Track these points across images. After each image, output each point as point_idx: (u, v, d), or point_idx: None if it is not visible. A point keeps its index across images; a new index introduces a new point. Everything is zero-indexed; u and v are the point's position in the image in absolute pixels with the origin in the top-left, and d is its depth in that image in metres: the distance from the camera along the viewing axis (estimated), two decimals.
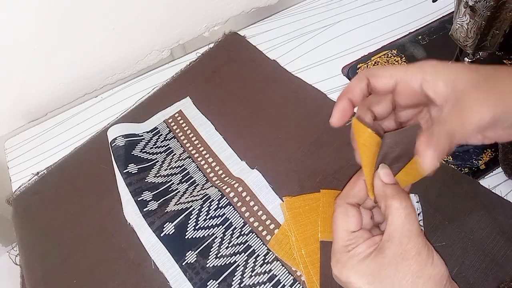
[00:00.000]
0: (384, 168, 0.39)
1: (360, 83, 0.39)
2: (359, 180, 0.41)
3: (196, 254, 0.52)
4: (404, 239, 0.36)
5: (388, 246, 0.36)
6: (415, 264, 0.35)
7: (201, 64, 0.73)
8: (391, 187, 0.38)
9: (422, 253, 0.35)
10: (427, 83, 0.36)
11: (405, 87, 0.38)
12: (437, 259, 0.36)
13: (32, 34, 0.62)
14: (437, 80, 0.36)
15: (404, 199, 0.37)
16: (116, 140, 0.61)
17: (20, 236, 0.59)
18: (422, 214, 0.51)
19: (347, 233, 0.39)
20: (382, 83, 0.38)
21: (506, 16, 0.49)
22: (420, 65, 0.37)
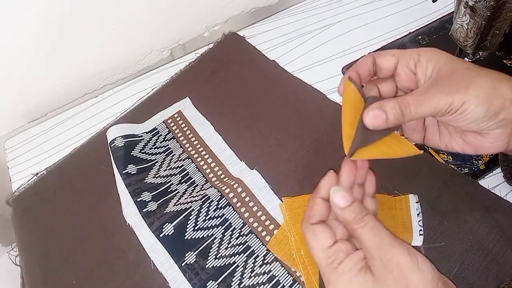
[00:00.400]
0: (336, 191, 0.38)
1: (367, 60, 0.41)
2: (316, 199, 0.41)
3: (195, 255, 0.52)
4: (380, 253, 0.35)
5: (372, 264, 0.35)
6: (400, 275, 0.34)
7: (200, 64, 0.73)
8: (348, 211, 0.37)
9: (402, 261, 0.34)
10: (419, 64, 0.40)
11: (404, 66, 0.41)
12: (422, 263, 0.35)
13: (32, 34, 0.62)
14: (428, 63, 0.39)
15: (362, 218, 0.37)
16: (116, 140, 0.61)
17: (19, 236, 0.59)
18: (422, 214, 0.51)
19: (323, 251, 0.38)
20: (386, 61, 0.41)
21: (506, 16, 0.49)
22: (419, 49, 0.41)
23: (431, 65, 0.39)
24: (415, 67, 0.40)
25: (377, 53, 0.42)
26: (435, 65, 0.39)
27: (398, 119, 0.37)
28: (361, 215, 0.37)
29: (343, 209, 0.38)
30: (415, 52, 0.40)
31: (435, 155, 0.57)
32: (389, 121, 0.37)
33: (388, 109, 0.37)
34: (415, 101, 0.37)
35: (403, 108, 0.37)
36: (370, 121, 0.37)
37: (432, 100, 0.37)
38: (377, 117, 0.37)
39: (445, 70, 0.38)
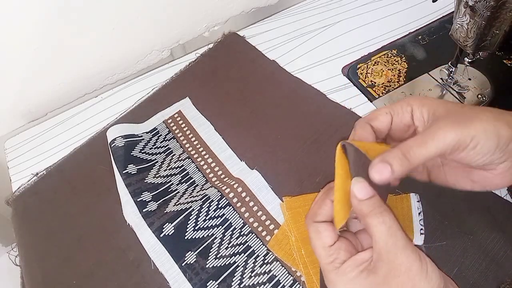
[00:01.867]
0: (358, 182, 0.37)
1: (365, 130, 0.40)
2: (327, 200, 0.40)
3: (195, 255, 0.52)
4: (390, 255, 0.34)
5: (380, 266, 0.34)
6: (407, 280, 0.33)
7: (200, 64, 0.73)
8: (366, 204, 0.36)
9: (413, 267, 0.34)
10: (414, 113, 0.40)
11: (399, 122, 0.41)
12: (431, 271, 0.34)
13: (32, 34, 0.62)
14: (422, 109, 0.39)
15: (380, 213, 0.35)
16: (116, 140, 0.61)
17: (19, 236, 0.59)
18: (423, 213, 0.51)
19: (325, 249, 0.37)
20: (382, 121, 0.41)
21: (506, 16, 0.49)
22: (409, 99, 0.41)
23: (425, 111, 0.39)
24: (412, 119, 0.40)
25: (370, 118, 0.41)
26: (429, 109, 0.39)
27: (403, 165, 0.35)
28: (379, 210, 0.35)
29: (361, 201, 0.36)
30: (406, 103, 0.40)
31: None
32: (395, 171, 0.35)
33: (391, 159, 0.36)
34: (418, 143, 0.36)
35: (406, 153, 0.36)
36: (376, 177, 0.36)
37: (436, 138, 0.35)
38: (381, 170, 0.35)
39: (441, 112, 0.38)
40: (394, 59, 0.69)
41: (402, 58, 0.69)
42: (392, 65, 0.68)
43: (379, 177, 0.35)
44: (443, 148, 0.35)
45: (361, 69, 0.68)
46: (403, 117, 0.40)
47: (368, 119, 0.41)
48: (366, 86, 0.66)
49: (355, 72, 0.68)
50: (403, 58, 0.69)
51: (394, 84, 0.66)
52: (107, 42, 0.71)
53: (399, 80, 0.66)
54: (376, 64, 0.69)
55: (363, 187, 0.36)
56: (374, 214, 0.35)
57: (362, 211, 0.36)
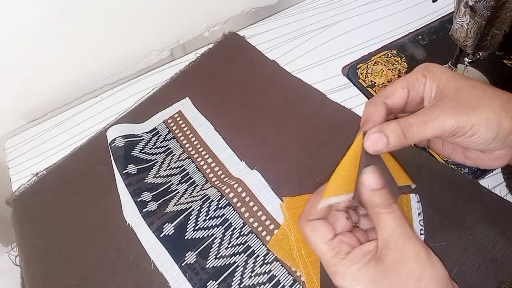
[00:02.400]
0: (369, 172, 0.37)
1: (379, 109, 0.39)
2: (319, 199, 0.40)
3: (195, 255, 0.52)
4: (398, 243, 0.35)
5: (386, 253, 0.35)
6: (415, 266, 0.34)
7: (200, 64, 0.73)
8: (378, 194, 0.37)
9: (420, 254, 0.35)
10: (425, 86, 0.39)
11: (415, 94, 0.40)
12: (435, 260, 0.35)
13: (32, 34, 0.62)
14: (432, 83, 0.38)
15: (389, 205, 0.36)
16: (116, 140, 0.61)
17: (19, 236, 0.59)
18: (422, 214, 0.51)
19: (326, 243, 0.38)
20: (398, 98, 0.40)
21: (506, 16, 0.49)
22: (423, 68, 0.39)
23: (435, 86, 0.38)
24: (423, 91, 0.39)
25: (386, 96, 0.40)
26: (439, 84, 0.38)
27: (400, 141, 0.36)
28: (389, 201, 0.36)
29: (373, 191, 0.37)
30: (421, 74, 0.39)
31: (435, 155, 0.57)
32: (390, 144, 0.36)
33: (389, 132, 0.36)
34: (418, 122, 0.36)
35: (405, 130, 0.36)
36: (370, 145, 0.36)
37: (436, 121, 0.36)
38: (377, 140, 0.36)
39: (449, 89, 0.37)
40: (394, 59, 0.69)
41: (402, 58, 0.69)
42: (392, 65, 0.68)
43: (373, 147, 0.37)
44: (441, 132, 0.36)
45: (361, 69, 0.68)
46: (419, 90, 0.39)
47: (384, 96, 0.40)
48: (366, 86, 0.66)
49: (355, 72, 0.68)
50: (403, 58, 0.69)
51: None
52: (107, 42, 0.71)
53: None
54: (376, 64, 0.69)
55: (375, 177, 0.37)
56: (384, 205, 0.36)
57: (373, 201, 0.37)
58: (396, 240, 0.35)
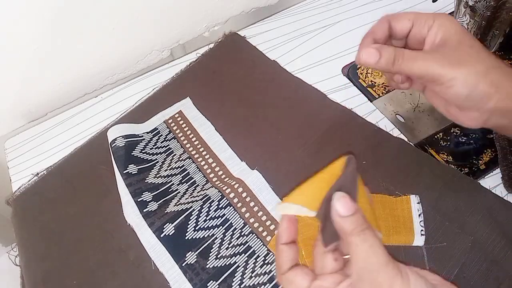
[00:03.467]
0: (341, 197, 0.35)
1: (383, 25, 0.43)
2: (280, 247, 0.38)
3: (196, 255, 0.52)
4: (373, 274, 0.32)
5: (360, 286, 0.33)
6: None
7: (201, 64, 0.73)
8: (349, 221, 0.34)
9: (395, 283, 0.32)
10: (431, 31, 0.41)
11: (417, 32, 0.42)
12: (414, 284, 0.33)
13: (32, 34, 0.62)
14: (438, 31, 0.41)
15: (362, 231, 0.34)
16: (116, 140, 0.60)
17: (19, 236, 0.59)
18: (423, 214, 0.51)
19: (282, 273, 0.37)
20: (401, 26, 0.43)
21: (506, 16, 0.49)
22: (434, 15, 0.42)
23: (440, 34, 0.40)
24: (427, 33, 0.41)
25: (393, 17, 0.43)
26: (444, 35, 0.40)
27: (387, 65, 0.39)
28: (361, 228, 0.34)
29: (343, 218, 0.34)
30: (430, 17, 0.41)
31: (435, 155, 0.57)
32: (379, 63, 0.39)
33: (385, 52, 0.39)
34: (410, 57, 0.39)
35: (397, 57, 0.39)
36: (363, 56, 0.40)
37: (425, 63, 0.39)
38: (371, 54, 0.39)
39: (451, 42, 0.40)
40: None
41: None
42: None
43: (364, 58, 0.40)
44: (424, 74, 0.39)
45: (361, 69, 0.68)
46: (422, 31, 0.42)
47: (390, 17, 0.43)
48: (366, 86, 0.66)
49: (355, 72, 0.68)
50: None
51: None
52: (107, 42, 0.71)
53: None
54: None
55: (346, 202, 0.35)
56: (356, 232, 0.34)
57: (344, 229, 0.34)
58: (371, 271, 0.33)
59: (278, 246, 0.38)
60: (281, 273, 0.37)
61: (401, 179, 0.54)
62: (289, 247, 0.38)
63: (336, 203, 0.35)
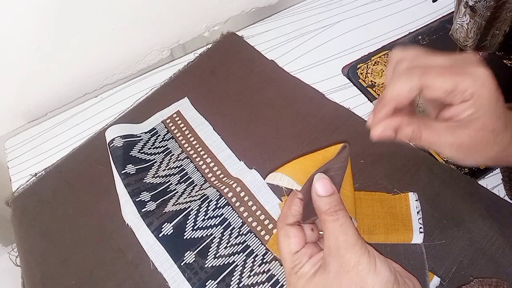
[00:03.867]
0: (320, 178, 0.38)
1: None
2: (295, 199, 0.41)
3: (194, 254, 0.52)
4: (340, 251, 0.35)
5: (330, 261, 0.36)
6: (356, 275, 0.34)
7: (199, 64, 0.73)
8: (324, 201, 0.37)
9: (361, 261, 0.35)
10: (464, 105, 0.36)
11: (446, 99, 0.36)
12: (380, 265, 0.35)
13: (32, 34, 0.62)
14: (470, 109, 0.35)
15: (335, 212, 0.37)
16: (114, 141, 0.61)
17: (19, 237, 0.59)
18: (421, 212, 0.50)
19: (290, 255, 0.38)
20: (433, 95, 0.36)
21: (506, 16, 0.49)
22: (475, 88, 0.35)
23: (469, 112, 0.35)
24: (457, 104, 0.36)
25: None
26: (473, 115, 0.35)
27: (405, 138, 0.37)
28: (334, 209, 0.37)
29: (320, 197, 0.38)
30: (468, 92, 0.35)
31: (434, 154, 0.57)
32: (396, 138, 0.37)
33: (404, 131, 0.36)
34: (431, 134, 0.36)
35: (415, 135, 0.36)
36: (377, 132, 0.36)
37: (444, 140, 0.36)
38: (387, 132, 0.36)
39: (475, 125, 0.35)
40: None
41: None
42: None
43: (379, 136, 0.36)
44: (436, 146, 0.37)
45: (361, 69, 0.68)
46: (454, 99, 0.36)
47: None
48: (366, 86, 0.66)
49: (355, 72, 0.68)
50: None
51: None
52: (107, 42, 0.71)
53: None
54: (376, 64, 0.69)
55: (324, 184, 0.38)
56: (330, 212, 0.37)
57: (320, 207, 0.37)
58: (339, 248, 0.35)
59: (294, 199, 0.40)
60: (284, 222, 0.40)
61: (399, 177, 0.54)
62: (301, 202, 0.40)
63: (315, 182, 0.38)
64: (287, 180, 0.40)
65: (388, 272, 0.35)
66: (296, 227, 0.40)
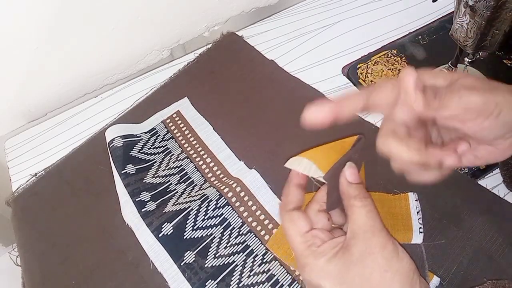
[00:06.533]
0: (350, 167, 0.39)
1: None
2: (290, 187, 0.41)
3: (194, 254, 0.52)
4: (367, 234, 0.36)
5: (354, 244, 0.36)
6: (381, 258, 0.35)
7: (198, 64, 0.73)
8: (354, 187, 0.38)
9: (387, 247, 0.35)
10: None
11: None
12: (402, 253, 0.36)
13: (32, 34, 0.62)
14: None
15: (364, 198, 0.38)
16: (114, 141, 0.61)
17: (19, 237, 0.59)
18: (421, 212, 0.50)
19: (301, 235, 0.38)
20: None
21: (506, 16, 0.49)
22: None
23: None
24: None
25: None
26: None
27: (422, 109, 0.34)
28: (363, 195, 0.38)
29: (350, 184, 0.39)
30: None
31: None
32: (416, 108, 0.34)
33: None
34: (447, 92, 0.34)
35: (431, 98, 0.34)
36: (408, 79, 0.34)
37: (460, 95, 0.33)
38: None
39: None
40: (394, 59, 0.69)
41: (402, 58, 0.69)
42: (392, 65, 0.68)
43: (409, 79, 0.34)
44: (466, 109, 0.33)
45: (361, 69, 0.68)
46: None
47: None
48: (366, 86, 0.66)
49: (355, 72, 0.68)
50: (403, 58, 0.69)
51: None
52: (107, 42, 0.71)
53: None
54: (376, 64, 0.69)
55: (354, 173, 0.39)
56: (359, 198, 0.38)
57: (349, 193, 0.38)
58: (366, 231, 0.36)
59: (290, 187, 0.41)
60: (285, 209, 0.40)
61: (399, 178, 0.54)
62: (297, 189, 0.41)
63: (347, 169, 0.39)
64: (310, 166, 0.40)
65: (410, 260, 0.36)
66: (299, 210, 0.40)
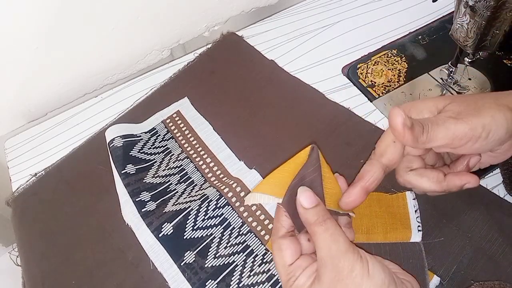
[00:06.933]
0: (303, 192, 0.38)
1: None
2: (279, 212, 0.41)
3: (194, 254, 0.52)
4: (334, 260, 0.35)
5: (323, 272, 0.36)
6: (351, 283, 0.35)
7: (199, 64, 0.73)
8: (312, 212, 0.37)
9: (355, 268, 0.35)
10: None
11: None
12: (373, 269, 0.35)
13: (32, 34, 0.62)
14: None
15: (324, 221, 0.37)
16: (114, 141, 0.60)
17: (19, 237, 0.59)
18: (420, 211, 0.50)
19: (284, 268, 0.38)
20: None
21: (506, 16, 0.49)
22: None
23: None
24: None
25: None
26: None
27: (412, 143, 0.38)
28: (323, 219, 0.37)
29: (306, 210, 0.38)
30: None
31: None
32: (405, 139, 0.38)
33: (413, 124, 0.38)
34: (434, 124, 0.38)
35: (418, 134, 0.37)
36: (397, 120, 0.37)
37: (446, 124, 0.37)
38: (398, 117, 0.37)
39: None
40: (394, 59, 0.69)
41: (402, 58, 0.69)
42: (392, 65, 0.68)
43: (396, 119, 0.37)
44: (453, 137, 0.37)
45: (361, 69, 0.68)
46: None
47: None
48: (366, 86, 0.66)
49: (355, 72, 0.68)
50: (403, 58, 0.69)
51: (394, 84, 0.66)
52: (107, 42, 0.71)
53: (399, 80, 0.66)
54: (376, 64, 0.69)
55: (308, 196, 0.38)
56: (318, 222, 0.37)
57: (308, 220, 0.38)
58: (332, 257, 0.35)
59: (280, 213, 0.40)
60: (277, 236, 0.40)
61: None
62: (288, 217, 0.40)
63: (300, 196, 0.38)
64: (266, 197, 0.40)
65: (383, 274, 0.35)
66: (289, 238, 0.39)
